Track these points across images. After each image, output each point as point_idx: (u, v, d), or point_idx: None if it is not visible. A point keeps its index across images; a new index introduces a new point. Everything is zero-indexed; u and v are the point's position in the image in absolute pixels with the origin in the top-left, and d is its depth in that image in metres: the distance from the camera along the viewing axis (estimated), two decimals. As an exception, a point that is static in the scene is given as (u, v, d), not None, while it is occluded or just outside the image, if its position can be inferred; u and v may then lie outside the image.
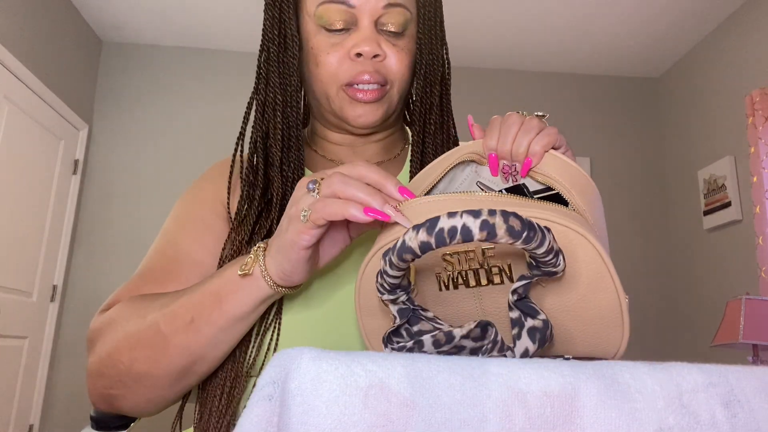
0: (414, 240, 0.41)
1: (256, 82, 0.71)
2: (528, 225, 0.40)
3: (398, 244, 0.42)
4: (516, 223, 0.39)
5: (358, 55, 0.66)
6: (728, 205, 3.13)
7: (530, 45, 3.65)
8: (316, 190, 0.52)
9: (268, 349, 0.64)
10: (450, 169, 0.57)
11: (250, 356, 0.64)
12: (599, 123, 3.88)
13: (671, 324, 3.60)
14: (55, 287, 3.30)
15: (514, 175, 0.56)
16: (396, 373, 0.33)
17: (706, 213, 3.33)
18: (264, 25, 0.70)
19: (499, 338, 0.45)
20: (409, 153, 0.74)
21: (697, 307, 3.41)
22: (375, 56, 0.67)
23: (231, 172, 0.73)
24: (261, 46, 0.71)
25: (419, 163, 0.70)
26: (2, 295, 2.81)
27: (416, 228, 0.41)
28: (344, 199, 0.49)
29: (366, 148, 0.77)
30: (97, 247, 3.45)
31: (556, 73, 3.94)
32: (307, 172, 0.75)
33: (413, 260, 0.42)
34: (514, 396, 0.33)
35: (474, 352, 0.45)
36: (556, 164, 0.54)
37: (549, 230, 0.41)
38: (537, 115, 0.58)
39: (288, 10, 0.69)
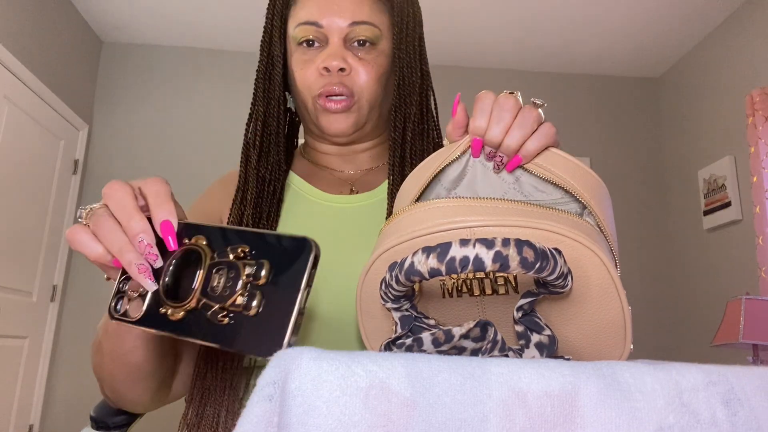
0: (423, 264, 0.40)
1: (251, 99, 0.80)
2: (541, 254, 0.39)
3: (406, 264, 0.41)
4: (530, 254, 0.39)
5: (326, 69, 0.73)
6: (728, 205, 3.14)
7: (530, 45, 3.65)
8: (84, 216, 0.49)
9: None
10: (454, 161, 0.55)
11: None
12: (599, 123, 3.88)
13: (671, 324, 3.60)
14: (55, 287, 3.30)
15: (499, 164, 0.52)
16: (396, 373, 0.33)
17: (706, 213, 3.33)
18: (260, 47, 0.79)
19: (498, 338, 0.45)
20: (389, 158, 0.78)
21: (697, 307, 3.41)
22: (341, 70, 0.73)
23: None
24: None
25: (399, 167, 0.75)
26: (2, 295, 2.81)
27: (426, 251, 0.40)
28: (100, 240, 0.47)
29: (354, 157, 0.82)
30: (97, 247, 3.45)
31: (556, 73, 3.94)
32: (292, 175, 0.80)
33: (420, 281, 0.42)
34: (514, 396, 0.33)
35: (475, 353, 0.45)
36: (563, 164, 0.51)
37: (560, 253, 0.41)
38: (534, 103, 0.53)
39: (277, 34, 0.78)
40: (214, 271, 0.43)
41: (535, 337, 0.45)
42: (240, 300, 0.41)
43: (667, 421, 0.33)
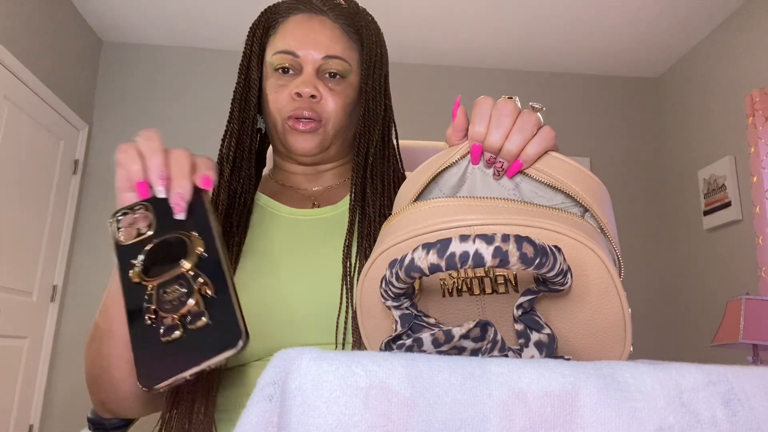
0: (423, 260, 0.40)
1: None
2: (541, 250, 0.39)
3: (406, 261, 0.41)
4: (529, 250, 0.39)
5: (298, 95, 0.79)
6: (728, 205, 3.14)
7: (530, 45, 3.65)
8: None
9: None
10: (451, 165, 0.55)
11: None
12: (599, 123, 3.88)
13: (671, 324, 3.60)
14: (55, 287, 3.30)
15: (499, 170, 0.51)
16: (396, 373, 0.33)
17: (706, 213, 3.33)
18: (238, 70, 0.86)
19: (498, 338, 0.44)
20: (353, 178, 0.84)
21: (697, 307, 3.41)
22: (312, 96, 0.79)
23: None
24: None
25: (361, 186, 0.81)
26: (2, 295, 2.81)
27: (426, 247, 0.40)
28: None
29: (318, 176, 0.89)
30: (97, 247, 3.45)
31: (556, 73, 3.94)
32: (260, 195, 0.86)
33: (420, 278, 0.42)
34: (514, 396, 0.33)
35: (475, 353, 0.45)
36: (563, 167, 0.51)
37: (560, 250, 0.41)
38: (533, 107, 0.54)
39: (255, 60, 0.84)
40: (177, 277, 0.48)
41: (534, 336, 0.45)
42: (179, 322, 0.46)
43: (667, 421, 0.33)
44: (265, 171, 0.95)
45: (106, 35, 3.68)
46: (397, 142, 0.90)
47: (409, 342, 0.45)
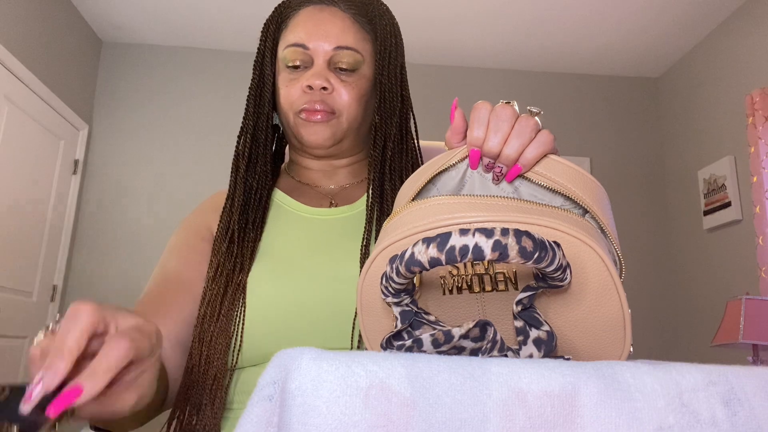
0: (423, 254, 0.40)
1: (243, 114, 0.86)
2: (540, 245, 0.39)
3: (407, 255, 0.41)
4: (528, 244, 0.39)
5: (310, 87, 0.79)
6: (728, 205, 3.14)
7: (531, 45, 3.65)
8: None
9: (236, 324, 0.71)
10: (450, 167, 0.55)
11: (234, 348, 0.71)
12: (599, 123, 3.88)
13: (671, 324, 3.60)
14: (55, 287, 3.30)
15: (498, 175, 0.52)
16: (396, 373, 0.33)
17: (706, 213, 3.33)
18: (253, 67, 0.86)
19: (498, 338, 0.45)
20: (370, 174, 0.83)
21: (697, 307, 3.41)
22: (323, 89, 0.79)
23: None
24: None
25: (379, 182, 0.80)
26: (2, 295, 2.81)
27: (426, 242, 0.40)
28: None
29: (334, 172, 0.88)
30: (97, 247, 3.45)
31: (556, 73, 3.94)
32: (276, 191, 0.85)
33: (421, 272, 0.42)
34: (514, 396, 0.33)
35: (474, 353, 0.45)
36: (562, 170, 0.51)
37: (559, 246, 0.41)
38: (531, 111, 0.53)
39: (269, 55, 0.84)
40: None
41: (533, 333, 0.45)
42: None
43: (667, 421, 0.33)
44: (282, 166, 0.94)
45: (106, 35, 3.68)
46: (417, 133, 0.87)
47: (409, 342, 0.45)
